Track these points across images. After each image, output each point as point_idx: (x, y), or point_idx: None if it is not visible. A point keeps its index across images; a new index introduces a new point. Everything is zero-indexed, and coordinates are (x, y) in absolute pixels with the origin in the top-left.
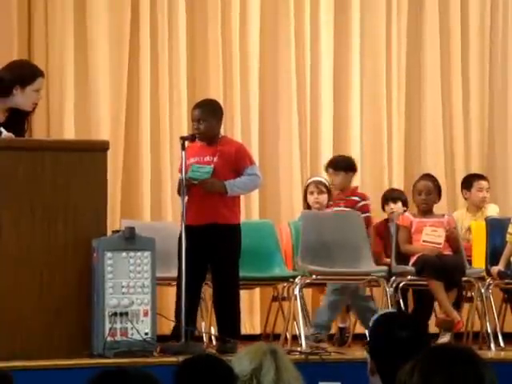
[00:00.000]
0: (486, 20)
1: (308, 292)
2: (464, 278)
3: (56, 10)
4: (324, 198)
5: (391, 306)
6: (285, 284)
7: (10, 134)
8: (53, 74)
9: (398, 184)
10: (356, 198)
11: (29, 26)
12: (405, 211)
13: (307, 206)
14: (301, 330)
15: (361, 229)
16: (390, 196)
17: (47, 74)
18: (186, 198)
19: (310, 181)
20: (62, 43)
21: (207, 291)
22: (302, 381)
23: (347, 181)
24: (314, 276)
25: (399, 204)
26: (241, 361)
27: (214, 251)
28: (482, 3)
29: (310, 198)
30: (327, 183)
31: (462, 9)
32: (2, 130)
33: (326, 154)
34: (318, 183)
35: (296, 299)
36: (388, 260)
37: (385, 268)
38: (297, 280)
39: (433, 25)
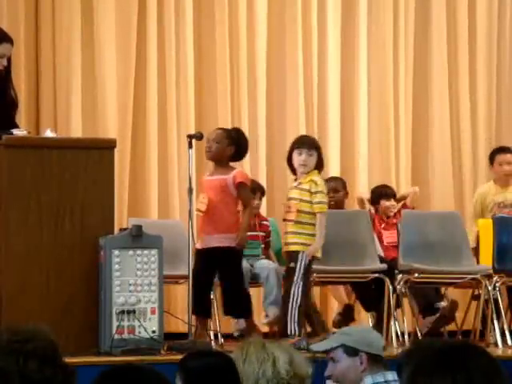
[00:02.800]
0: (494, 22)
1: (316, 290)
2: (471, 276)
3: (63, 9)
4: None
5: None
6: None
7: (24, 132)
8: (60, 72)
9: (406, 181)
10: (267, 223)
11: (36, 27)
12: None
13: None
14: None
15: (367, 227)
16: (384, 194)
17: (54, 72)
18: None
19: None
20: (69, 41)
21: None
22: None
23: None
24: (315, 274)
25: (392, 200)
26: (248, 366)
27: None
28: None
29: None
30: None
31: (470, 4)
32: (14, 131)
33: (334, 154)
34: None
35: None
36: None
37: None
38: None
39: (440, 21)
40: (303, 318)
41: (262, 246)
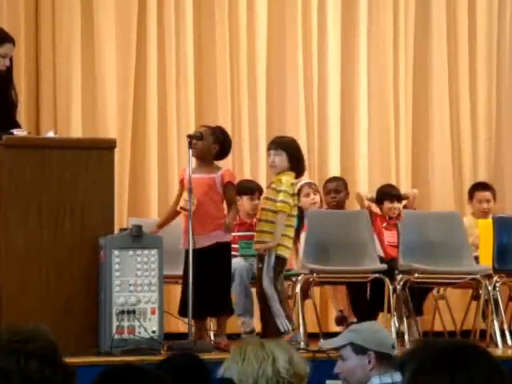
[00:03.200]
0: (494, 22)
1: (317, 290)
2: (471, 276)
3: (63, 10)
4: (318, 197)
5: (398, 303)
6: (289, 283)
7: (25, 132)
8: (60, 72)
9: (406, 181)
10: None
11: (36, 26)
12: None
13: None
14: (300, 327)
15: (367, 227)
16: (389, 194)
17: (54, 73)
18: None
19: (301, 183)
20: (69, 41)
21: None
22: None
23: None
24: (314, 274)
25: (395, 203)
26: (247, 366)
27: None
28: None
29: (307, 200)
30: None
31: (470, 4)
32: (15, 131)
33: (334, 154)
34: (310, 184)
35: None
36: None
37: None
38: (299, 278)
39: (440, 21)
40: (289, 311)
41: None
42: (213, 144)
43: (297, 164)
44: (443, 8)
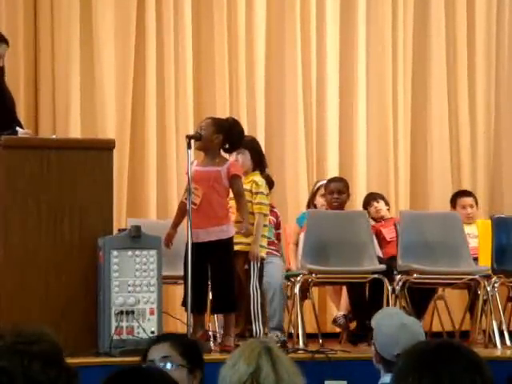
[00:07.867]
0: (492, 21)
1: (315, 291)
2: (470, 277)
3: (62, 9)
4: None
5: (397, 303)
6: (288, 283)
7: (26, 131)
8: (59, 73)
9: (405, 184)
10: (276, 210)
11: (35, 25)
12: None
13: (313, 207)
14: (299, 328)
15: (366, 228)
16: (372, 196)
17: (53, 73)
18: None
19: (320, 184)
20: (68, 41)
21: None
22: (300, 375)
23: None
24: (313, 274)
25: (382, 203)
26: (237, 366)
27: None
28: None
29: (320, 200)
30: None
31: (468, 4)
32: (19, 129)
33: (332, 152)
34: None
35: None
36: None
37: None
38: (298, 278)
39: (439, 16)
40: (265, 317)
41: (273, 229)
42: (214, 134)
43: (259, 162)
44: (442, 2)
